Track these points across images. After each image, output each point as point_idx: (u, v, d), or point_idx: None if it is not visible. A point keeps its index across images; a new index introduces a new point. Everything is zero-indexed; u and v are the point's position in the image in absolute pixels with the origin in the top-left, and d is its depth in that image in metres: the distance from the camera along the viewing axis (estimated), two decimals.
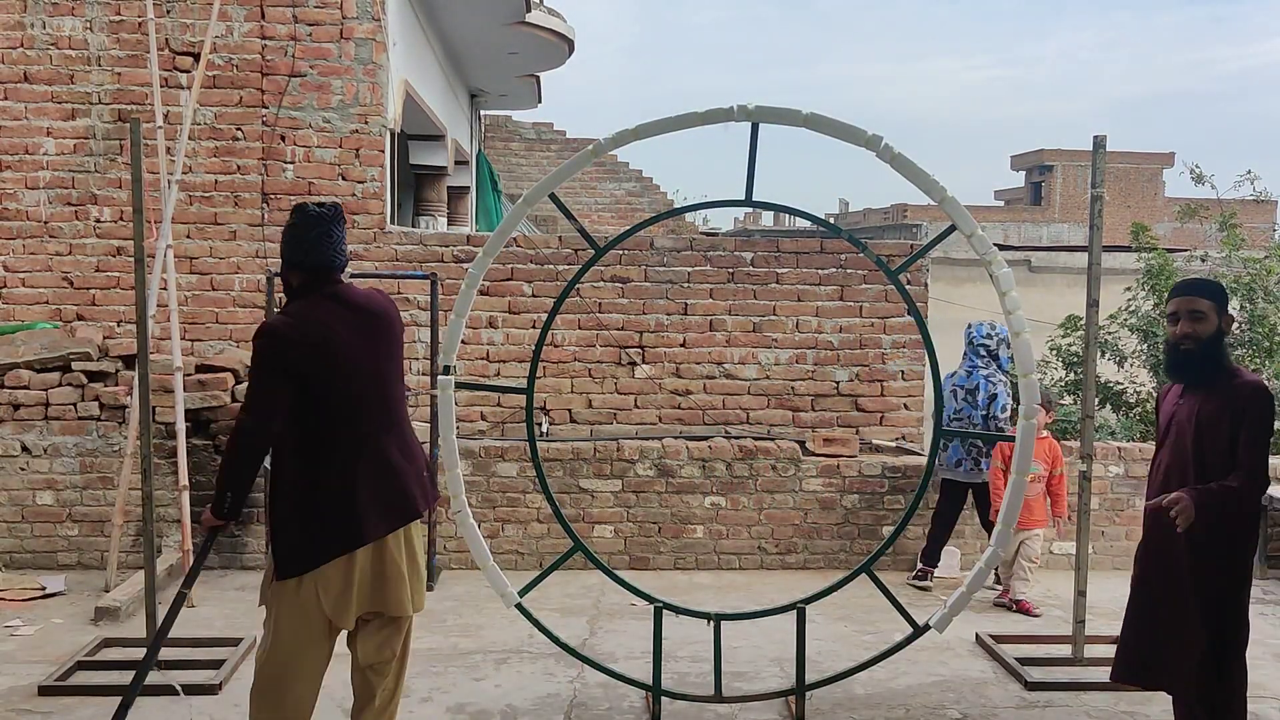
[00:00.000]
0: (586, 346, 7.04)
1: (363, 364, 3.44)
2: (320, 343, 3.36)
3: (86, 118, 6.88)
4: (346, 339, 3.41)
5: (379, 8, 6.93)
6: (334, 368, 3.37)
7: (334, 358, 3.37)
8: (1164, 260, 9.93)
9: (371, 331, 3.50)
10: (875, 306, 7.12)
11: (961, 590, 4.24)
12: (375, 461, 3.43)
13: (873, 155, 4.02)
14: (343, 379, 3.39)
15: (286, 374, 3.31)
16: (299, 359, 3.32)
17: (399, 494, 3.48)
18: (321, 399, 3.35)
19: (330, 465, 3.37)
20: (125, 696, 3.76)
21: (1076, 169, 38.53)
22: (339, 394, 3.38)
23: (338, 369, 3.38)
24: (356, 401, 3.42)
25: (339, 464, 3.37)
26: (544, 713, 4.37)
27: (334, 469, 3.37)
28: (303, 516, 3.36)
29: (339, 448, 3.39)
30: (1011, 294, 4.05)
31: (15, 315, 6.88)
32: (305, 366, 3.32)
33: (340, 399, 3.39)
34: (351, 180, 6.97)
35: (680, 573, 6.52)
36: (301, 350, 3.32)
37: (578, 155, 4.21)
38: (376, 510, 3.40)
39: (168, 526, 6.21)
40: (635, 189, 15.72)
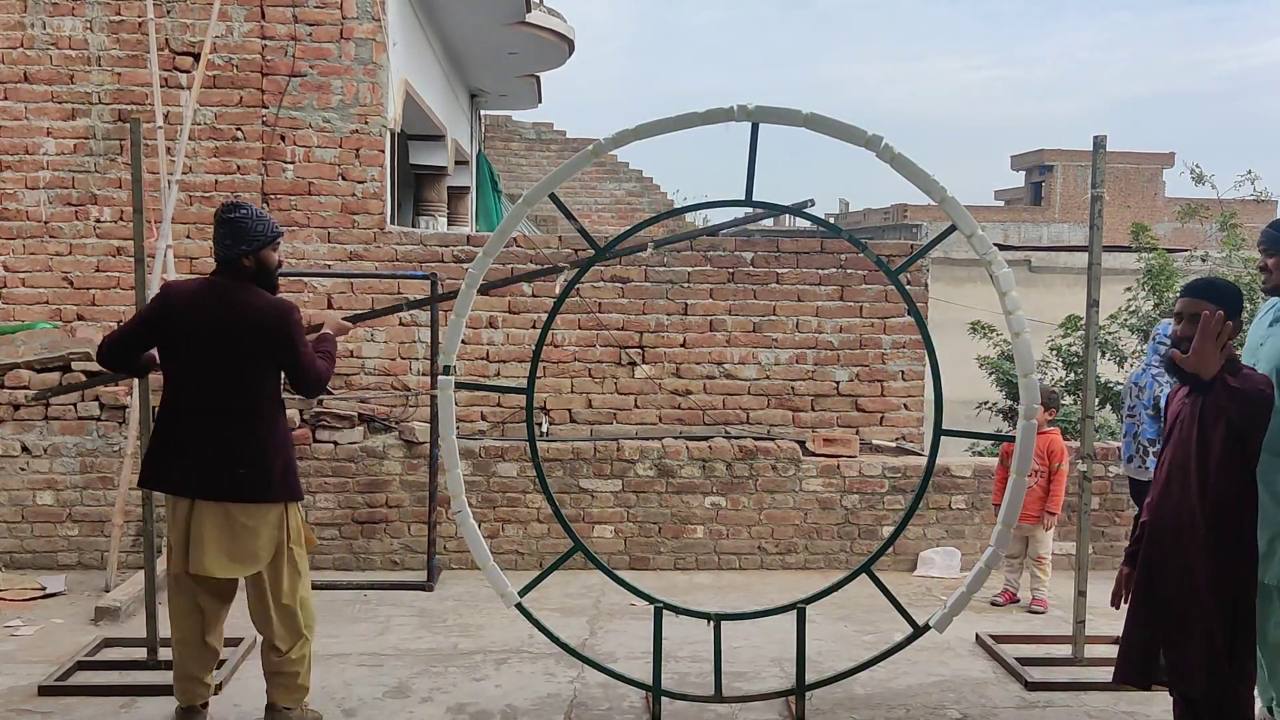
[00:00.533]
0: (587, 346, 7.04)
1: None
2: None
3: (87, 118, 6.88)
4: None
5: (379, 8, 6.93)
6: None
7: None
8: (1164, 260, 9.93)
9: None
10: (875, 306, 7.12)
11: (961, 590, 4.25)
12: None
13: (873, 155, 4.02)
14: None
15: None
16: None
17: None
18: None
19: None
20: None
21: (1076, 169, 38.52)
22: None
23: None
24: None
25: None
26: (544, 713, 4.37)
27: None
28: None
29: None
30: (1011, 294, 4.05)
31: (15, 315, 6.88)
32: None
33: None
34: (351, 180, 6.97)
35: (680, 573, 6.52)
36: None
37: (578, 155, 4.21)
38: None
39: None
40: (635, 189, 15.72)
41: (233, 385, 3.90)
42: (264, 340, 3.90)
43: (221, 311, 3.90)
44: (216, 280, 3.99)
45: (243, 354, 3.89)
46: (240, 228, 3.95)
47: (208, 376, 3.89)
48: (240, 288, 3.95)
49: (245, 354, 3.90)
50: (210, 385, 3.89)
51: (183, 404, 3.94)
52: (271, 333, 3.90)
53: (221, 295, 3.93)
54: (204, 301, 3.93)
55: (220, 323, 3.88)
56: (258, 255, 3.97)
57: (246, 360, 3.90)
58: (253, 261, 3.97)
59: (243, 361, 3.90)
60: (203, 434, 3.88)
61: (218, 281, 3.98)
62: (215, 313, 3.90)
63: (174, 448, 3.92)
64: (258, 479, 3.90)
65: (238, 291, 3.93)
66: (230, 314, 3.89)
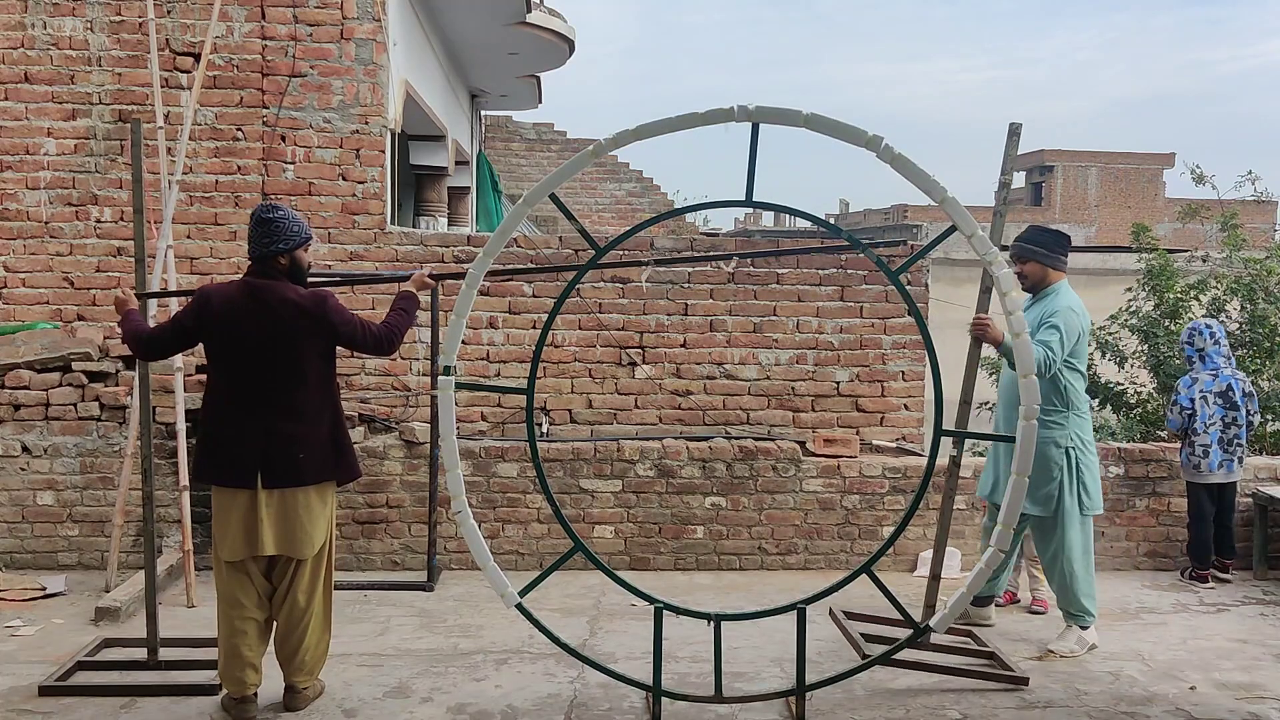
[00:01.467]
0: (587, 347, 7.04)
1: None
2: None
3: (87, 118, 6.88)
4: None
5: (380, 8, 6.93)
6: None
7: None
8: (1165, 261, 9.91)
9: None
10: (876, 307, 7.12)
11: (962, 591, 4.25)
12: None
13: (873, 156, 4.02)
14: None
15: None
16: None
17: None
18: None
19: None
20: None
21: (1077, 169, 38.56)
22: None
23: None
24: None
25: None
26: (544, 713, 4.37)
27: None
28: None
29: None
30: (1012, 294, 4.06)
31: (16, 315, 6.88)
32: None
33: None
34: (352, 180, 6.97)
35: (680, 573, 6.52)
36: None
37: (578, 155, 4.21)
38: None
39: (168, 527, 6.21)
40: (636, 189, 15.73)
41: (279, 376, 4.12)
42: (306, 328, 4.13)
43: (260, 308, 4.12)
44: (251, 280, 4.20)
45: (285, 344, 4.11)
46: (277, 227, 4.17)
47: (254, 370, 4.12)
48: (275, 284, 4.17)
49: (288, 344, 4.12)
50: (258, 378, 4.12)
51: (232, 399, 4.16)
52: (313, 320, 4.14)
53: (258, 292, 4.15)
54: (242, 301, 4.15)
55: (261, 318, 4.11)
56: (292, 254, 4.21)
57: (289, 349, 4.12)
58: (287, 260, 4.20)
59: (286, 351, 4.12)
60: (256, 426, 4.10)
61: (253, 281, 4.19)
62: (254, 309, 4.12)
63: (227, 441, 4.13)
64: (315, 463, 4.15)
65: (273, 288, 4.16)
66: (269, 309, 4.12)
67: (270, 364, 4.11)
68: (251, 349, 4.11)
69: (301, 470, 4.14)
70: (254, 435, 4.10)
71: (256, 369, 4.12)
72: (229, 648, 4.22)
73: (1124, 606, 5.94)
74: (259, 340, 4.10)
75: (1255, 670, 4.97)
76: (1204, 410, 6.36)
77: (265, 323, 4.10)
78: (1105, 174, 38.51)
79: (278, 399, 4.13)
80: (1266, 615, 5.84)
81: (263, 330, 4.10)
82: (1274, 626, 5.64)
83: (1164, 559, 6.68)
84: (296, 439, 4.13)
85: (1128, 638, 5.39)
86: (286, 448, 4.11)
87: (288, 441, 4.11)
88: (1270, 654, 5.19)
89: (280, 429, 4.11)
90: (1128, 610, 5.87)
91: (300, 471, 4.14)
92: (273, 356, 4.11)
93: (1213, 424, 6.35)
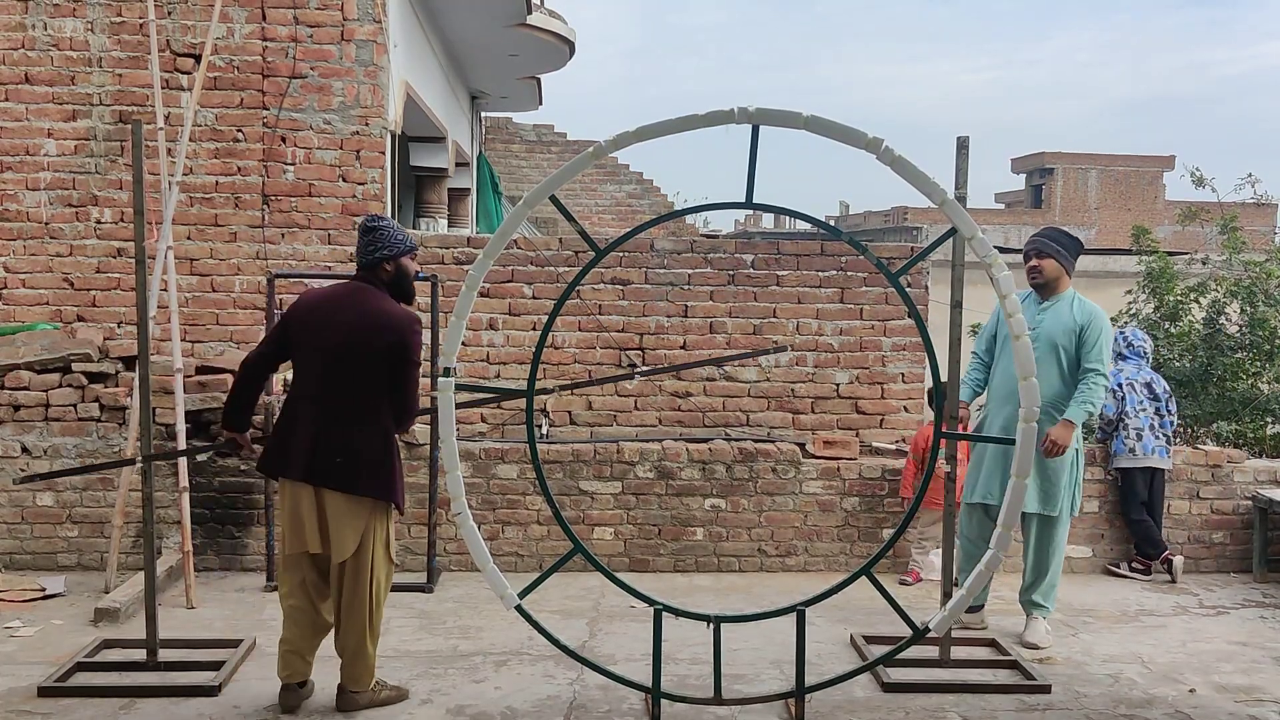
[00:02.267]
0: (587, 348, 7.04)
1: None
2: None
3: (87, 119, 6.88)
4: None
5: (380, 9, 6.93)
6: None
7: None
8: (1164, 263, 9.92)
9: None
10: (875, 309, 7.12)
11: (961, 593, 4.25)
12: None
13: (873, 158, 4.02)
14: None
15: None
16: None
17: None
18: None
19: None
20: None
21: (1077, 172, 38.56)
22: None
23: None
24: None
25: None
26: (544, 715, 4.37)
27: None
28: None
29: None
30: (1012, 297, 4.05)
31: (16, 316, 6.89)
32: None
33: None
34: (352, 182, 6.97)
35: (680, 575, 6.52)
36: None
37: (578, 157, 4.21)
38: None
39: (168, 528, 6.21)
40: (636, 191, 15.74)
41: (345, 379, 4.17)
42: (379, 344, 4.15)
43: (350, 310, 4.20)
44: (354, 283, 4.34)
45: (360, 352, 4.15)
46: (383, 235, 4.29)
47: (323, 367, 4.18)
48: (374, 292, 4.27)
49: (363, 353, 4.15)
50: (324, 376, 4.18)
51: (299, 392, 4.25)
52: (387, 340, 4.16)
53: (354, 295, 4.26)
54: (336, 300, 4.26)
55: (342, 320, 4.18)
56: (398, 261, 4.30)
57: (363, 359, 4.15)
58: (393, 267, 4.30)
59: (359, 359, 4.15)
60: (311, 421, 4.17)
61: (353, 284, 4.34)
62: (342, 310, 4.21)
63: (286, 434, 4.23)
64: (350, 471, 4.17)
65: (370, 295, 4.25)
66: (357, 313, 4.19)
67: (338, 366, 4.16)
68: (324, 348, 4.17)
69: (333, 475, 4.16)
70: (306, 432, 4.17)
71: (324, 367, 4.18)
72: (283, 632, 4.34)
73: (1123, 609, 5.94)
74: (336, 341, 4.15)
75: (1255, 673, 4.97)
76: (1132, 396, 6.58)
77: (344, 325, 4.16)
78: (1105, 176, 38.53)
79: (334, 401, 4.16)
80: (1266, 618, 5.83)
81: (339, 332, 4.16)
82: (1274, 629, 5.63)
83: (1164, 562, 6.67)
84: (339, 444, 4.14)
85: (1127, 640, 5.39)
86: (329, 450, 4.14)
87: (331, 445, 4.14)
88: (1270, 657, 5.19)
89: (328, 431, 4.15)
90: (1127, 613, 5.87)
91: (331, 475, 4.16)
92: (343, 360, 4.15)
93: (1142, 409, 6.55)
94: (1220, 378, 9.16)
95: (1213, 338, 9.31)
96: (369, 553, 4.24)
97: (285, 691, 4.35)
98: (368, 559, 4.24)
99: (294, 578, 4.29)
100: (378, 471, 4.20)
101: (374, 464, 4.19)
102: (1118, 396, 6.57)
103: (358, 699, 4.31)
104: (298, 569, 4.29)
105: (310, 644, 4.34)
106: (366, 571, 4.24)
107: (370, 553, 4.24)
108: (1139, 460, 6.47)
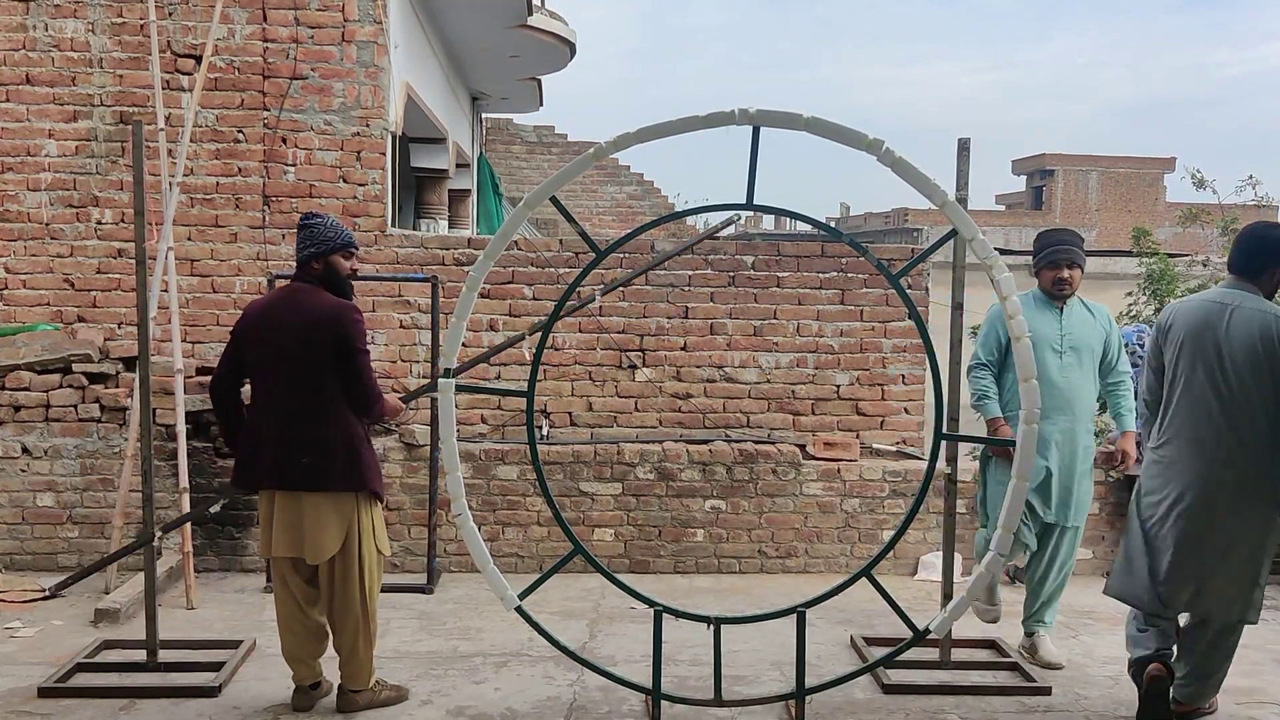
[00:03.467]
0: (587, 349, 7.04)
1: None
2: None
3: (88, 120, 6.88)
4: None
5: (381, 10, 6.93)
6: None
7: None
8: (1165, 265, 9.91)
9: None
10: (876, 310, 7.12)
11: (962, 595, 4.24)
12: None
13: (874, 159, 4.02)
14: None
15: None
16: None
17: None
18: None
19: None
20: None
21: (1078, 173, 38.56)
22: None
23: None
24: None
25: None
26: (544, 716, 4.37)
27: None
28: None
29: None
30: (1012, 298, 4.05)
31: (16, 317, 6.89)
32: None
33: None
34: (353, 183, 6.97)
35: (680, 576, 6.52)
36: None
37: (579, 158, 4.21)
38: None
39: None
40: (636, 192, 15.75)
41: (296, 380, 4.17)
42: (320, 338, 4.15)
43: (287, 313, 4.21)
44: (289, 285, 4.35)
45: (303, 351, 4.15)
46: (312, 232, 4.28)
47: (274, 373, 4.20)
48: (308, 290, 4.25)
49: (306, 351, 4.15)
50: (277, 381, 4.19)
51: (257, 403, 4.27)
52: (327, 331, 4.15)
53: (289, 297, 4.27)
54: (276, 306, 4.28)
55: (284, 322, 4.19)
56: (326, 259, 4.27)
57: (307, 357, 4.16)
58: (321, 265, 4.27)
59: (304, 358, 4.16)
60: (273, 428, 4.18)
61: (290, 285, 4.34)
62: (283, 314, 4.22)
63: (253, 444, 4.24)
64: (321, 469, 4.15)
65: (304, 293, 4.25)
66: (292, 314, 4.20)
67: (286, 369, 4.16)
68: (270, 354, 4.18)
69: (305, 476, 4.15)
70: (271, 439, 4.17)
71: (275, 373, 4.19)
72: (281, 637, 4.37)
73: (1124, 611, 5.92)
74: (280, 345, 4.16)
75: (1256, 675, 4.96)
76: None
77: (287, 328, 4.17)
78: (1106, 178, 38.53)
79: (291, 404, 4.17)
80: (1267, 620, 5.82)
81: (284, 335, 4.17)
82: (1275, 631, 5.63)
83: None
84: (304, 445, 4.14)
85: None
86: (294, 453, 4.14)
87: (296, 447, 4.14)
88: (1271, 659, 5.19)
89: (291, 434, 4.15)
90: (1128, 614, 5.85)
91: (303, 477, 4.15)
92: (289, 361, 4.16)
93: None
94: None
95: None
96: (355, 550, 4.23)
97: (297, 692, 4.37)
98: (354, 557, 4.23)
99: (281, 583, 4.33)
100: (350, 465, 4.19)
101: (344, 458, 4.18)
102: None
103: (357, 699, 4.31)
104: (280, 575, 4.32)
105: (308, 649, 4.34)
106: (354, 570, 4.23)
107: (356, 550, 4.23)
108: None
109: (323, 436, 4.16)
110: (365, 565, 4.26)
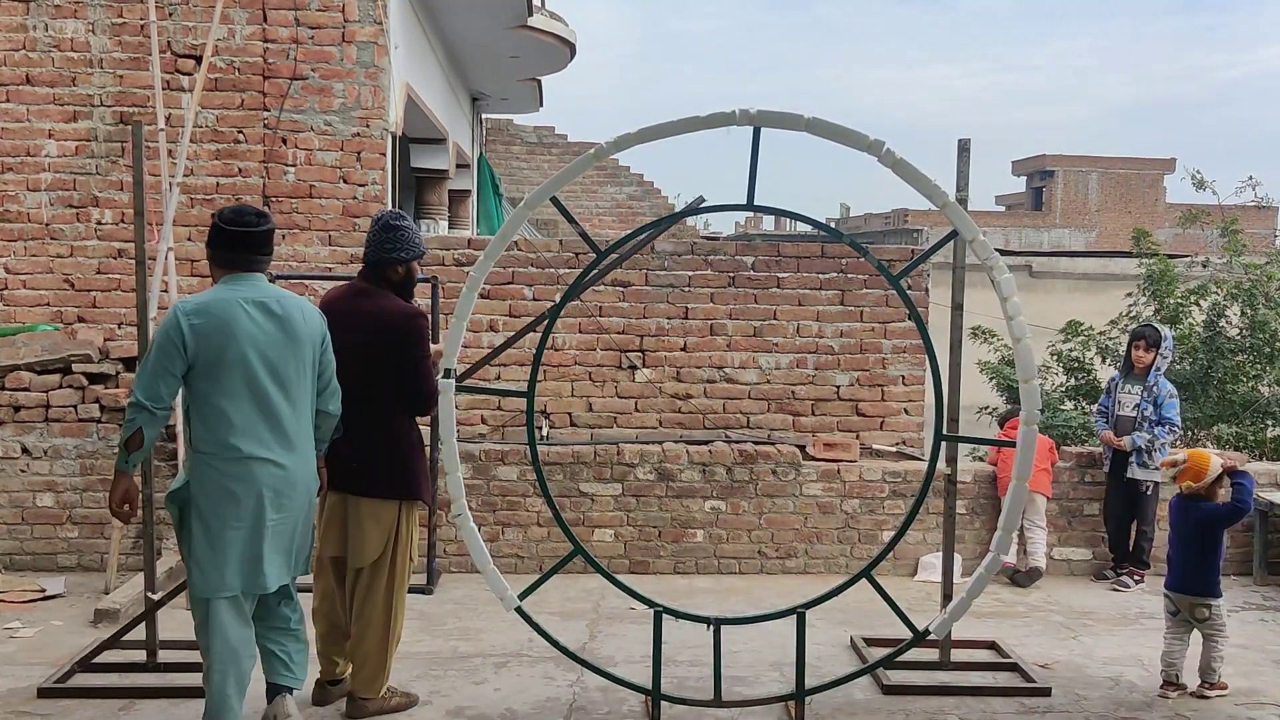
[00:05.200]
0: (587, 350, 7.04)
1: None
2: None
3: (88, 120, 6.88)
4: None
5: (381, 11, 6.93)
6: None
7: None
8: (1165, 266, 9.92)
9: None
10: (876, 311, 7.12)
11: (962, 596, 4.24)
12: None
13: (874, 160, 4.02)
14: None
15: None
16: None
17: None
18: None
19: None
20: None
21: (1078, 174, 38.55)
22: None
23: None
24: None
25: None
26: (543, 716, 4.36)
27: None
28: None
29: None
30: (1013, 299, 4.05)
31: (16, 317, 6.88)
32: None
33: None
34: (353, 183, 6.97)
35: (680, 577, 6.51)
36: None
37: (579, 159, 4.21)
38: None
39: (168, 529, 6.20)
40: (636, 193, 15.73)
41: (353, 382, 4.08)
42: (388, 344, 4.13)
43: (356, 315, 4.16)
44: (359, 285, 4.28)
45: (366, 354, 4.11)
46: (403, 237, 4.22)
47: (340, 374, 4.07)
48: (380, 293, 4.22)
49: (370, 354, 4.12)
50: (341, 382, 4.07)
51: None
52: (395, 337, 4.14)
53: (360, 297, 4.22)
54: (344, 306, 4.21)
55: (352, 325, 4.12)
56: (409, 265, 4.26)
57: (370, 361, 4.12)
58: (405, 270, 4.26)
59: (365, 361, 4.11)
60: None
61: (360, 286, 4.28)
62: (351, 316, 4.15)
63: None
64: (366, 474, 4.14)
65: (376, 296, 4.21)
66: (366, 315, 4.15)
67: (350, 367, 4.07)
68: (340, 350, 4.06)
69: (353, 480, 4.15)
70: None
71: (340, 371, 4.08)
72: (315, 630, 4.34)
73: (1124, 612, 5.93)
74: (343, 344, 4.05)
75: (1255, 676, 4.96)
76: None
77: (355, 331, 4.11)
78: (1106, 179, 38.51)
79: (350, 403, 4.08)
80: (1267, 621, 5.83)
81: (351, 335, 4.08)
82: (1274, 632, 5.63)
83: (1164, 564, 6.66)
84: (356, 448, 4.12)
85: (1127, 643, 5.39)
86: (347, 455, 4.12)
87: (349, 450, 4.12)
88: (1270, 660, 5.19)
89: (348, 437, 4.10)
90: (1127, 615, 5.86)
91: (351, 481, 4.15)
92: (350, 363, 4.07)
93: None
94: (1220, 380, 9.16)
95: (1213, 340, 9.31)
96: (388, 559, 4.21)
97: (316, 687, 4.37)
98: (386, 565, 4.21)
99: (316, 580, 4.33)
100: (396, 472, 4.18)
101: (390, 465, 4.17)
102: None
103: (367, 706, 4.27)
104: (324, 573, 4.31)
105: (336, 647, 4.34)
106: (383, 579, 4.21)
107: (389, 558, 4.21)
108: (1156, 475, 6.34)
109: (372, 441, 4.14)
110: (397, 573, 4.24)
